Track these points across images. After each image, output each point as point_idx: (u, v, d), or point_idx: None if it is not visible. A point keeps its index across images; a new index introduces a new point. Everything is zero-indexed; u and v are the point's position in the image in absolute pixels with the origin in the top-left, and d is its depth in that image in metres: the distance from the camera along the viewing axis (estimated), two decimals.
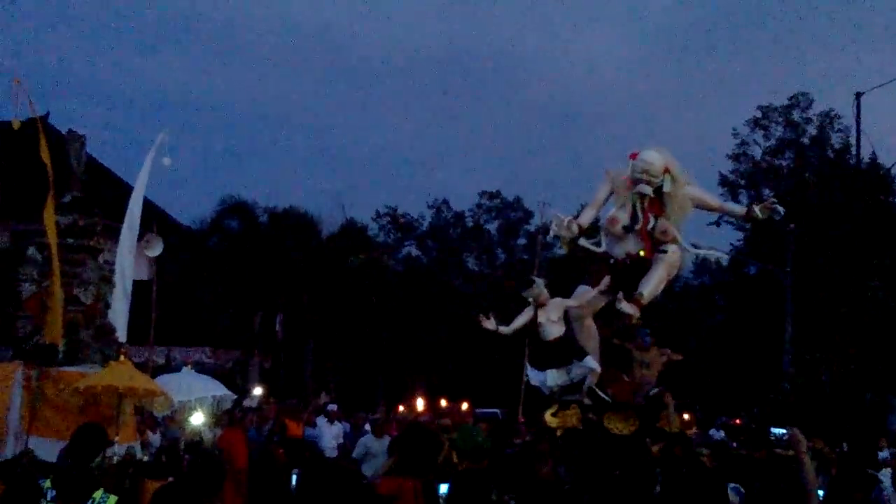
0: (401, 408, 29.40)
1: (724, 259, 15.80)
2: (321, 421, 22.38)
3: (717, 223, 44.48)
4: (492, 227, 57.54)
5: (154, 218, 24.13)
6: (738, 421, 32.16)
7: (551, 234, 14.87)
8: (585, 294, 14.95)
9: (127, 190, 21.86)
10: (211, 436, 18.54)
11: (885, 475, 11.29)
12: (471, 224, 57.37)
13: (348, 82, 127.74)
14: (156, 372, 22.55)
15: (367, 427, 22.48)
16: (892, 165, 38.47)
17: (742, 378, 35.90)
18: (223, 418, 19.56)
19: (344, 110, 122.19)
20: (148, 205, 23.12)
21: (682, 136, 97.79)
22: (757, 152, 46.56)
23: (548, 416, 14.20)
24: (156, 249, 22.00)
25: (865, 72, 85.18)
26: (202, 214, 43.77)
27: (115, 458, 13.82)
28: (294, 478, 16.35)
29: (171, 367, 28.36)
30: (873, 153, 38.97)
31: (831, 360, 29.68)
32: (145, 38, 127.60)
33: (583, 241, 14.86)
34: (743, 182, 45.87)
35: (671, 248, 14.02)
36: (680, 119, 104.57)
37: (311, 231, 44.43)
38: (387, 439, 16.68)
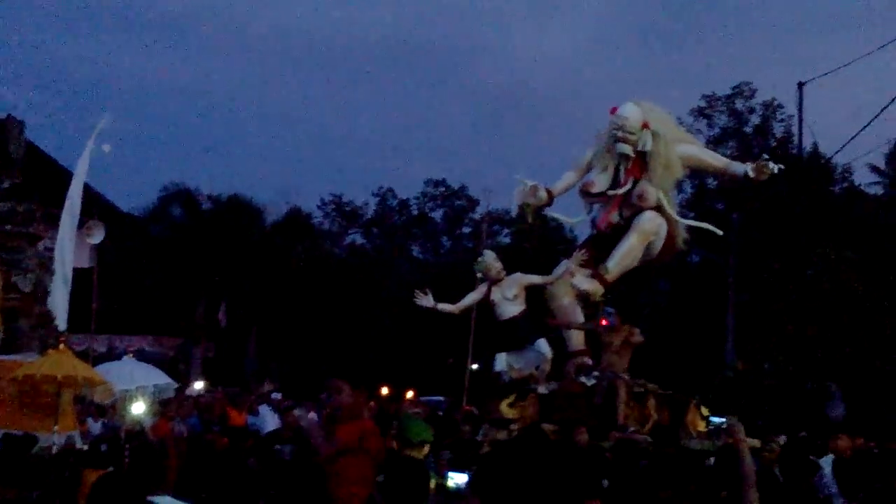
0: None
1: (718, 233, 14.81)
2: (264, 409, 22.23)
3: None
4: (437, 215, 57.50)
5: (96, 205, 23.89)
6: None
7: (514, 203, 13.64)
8: (558, 269, 13.83)
9: (67, 176, 21.61)
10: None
11: (825, 462, 11.37)
12: (416, 212, 57.27)
13: (293, 69, 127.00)
14: (97, 360, 22.33)
15: (313, 415, 22.40)
16: (833, 155, 38.93)
17: (684, 366, 36.09)
18: (164, 407, 19.42)
19: (288, 98, 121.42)
20: (89, 192, 22.88)
21: None
22: (701, 141, 46.84)
23: (504, 407, 13.24)
24: (97, 236, 21.79)
25: (808, 61, 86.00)
26: (145, 202, 43.44)
27: (55, 448, 13.67)
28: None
29: (112, 356, 28.09)
30: (815, 143, 39.40)
31: (773, 348, 29.92)
32: (87, 23, 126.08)
33: (550, 212, 13.92)
34: (686, 171, 46.07)
35: (646, 214, 12.88)
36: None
37: (255, 219, 44.20)
38: None
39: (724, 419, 12.66)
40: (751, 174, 12.83)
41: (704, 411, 13.59)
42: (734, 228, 34.49)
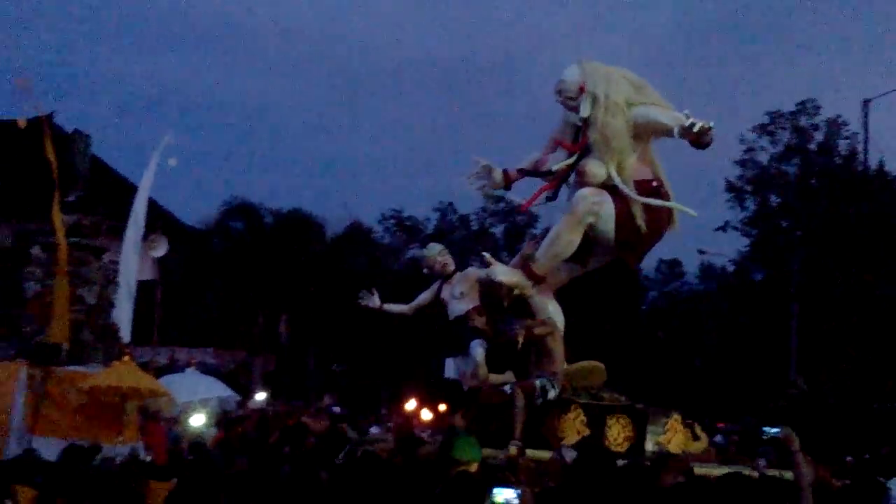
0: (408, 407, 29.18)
1: (692, 213, 11.61)
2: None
3: (724, 228, 44.29)
4: (497, 230, 57.30)
5: (159, 218, 24.08)
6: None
7: (468, 186, 11.93)
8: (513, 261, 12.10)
9: (131, 190, 21.81)
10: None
11: (894, 483, 11.14)
12: (476, 227, 57.13)
13: (355, 85, 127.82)
14: (159, 372, 22.47)
15: (375, 430, 22.42)
16: None
17: (747, 385, 35.77)
18: (224, 419, 19.52)
19: (350, 112, 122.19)
20: (153, 205, 23.03)
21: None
22: (764, 158, 46.31)
23: (457, 419, 11.79)
24: (160, 250, 21.94)
25: (873, 78, 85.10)
26: (207, 215, 43.77)
27: (119, 459, 13.75)
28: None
29: (174, 368, 28.28)
30: (881, 160, 38.87)
31: (838, 367, 29.60)
32: (151, 38, 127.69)
33: (507, 195, 12.33)
34: (749, 188, 45.63)
35: (579, 192, 11.01)
36: None
37: (316, 233, 44.33)
38: None
39: (778, 429, 11.94)
40: (676, 135, 10.58)
41: (697, 429, 11.80)
42: (798, 246, 34.14)
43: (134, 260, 19.30)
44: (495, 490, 7.72)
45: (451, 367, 13.21)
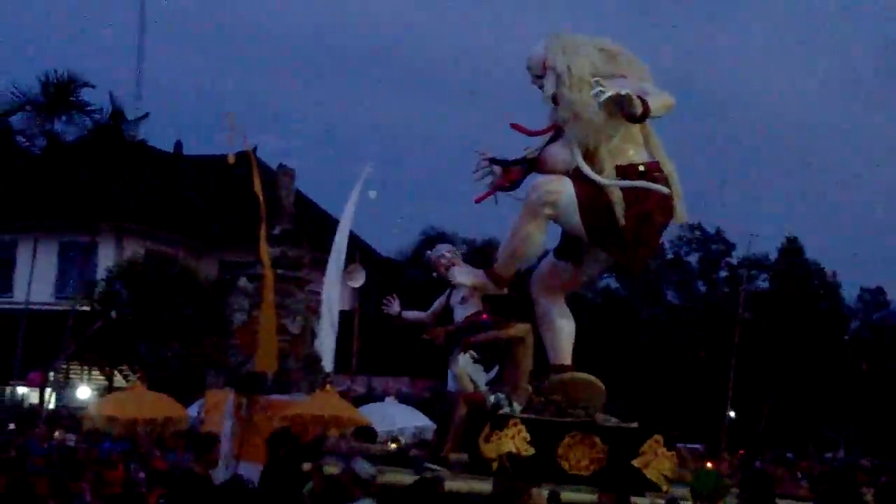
0: None
1: (664, 190, 9.79)
2: None
3: None
4: (692, 259, 56.46)
5: (356, 249, 24.44)
6: None
7: (477, 182, 10.63)
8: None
9: (331, 222, 22.23)
10: None
11: None
12: (671, 256, 56.40)
13: (541, 112, 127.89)
14: (357, 401, 22.85)
15: None
16: None
17: None
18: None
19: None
20: (351, 236, 23.51)
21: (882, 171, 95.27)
22: None
23: (481, 442, 10.11)
24: (358, 280, 22.28)
25: None
26: (403, 246, 44.43)
27: None
28: None
29: (371, 397, 28.66)
30: None
31: None
32: (350, 72, 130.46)
33: (516, 195, 10.64)
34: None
35: (534, 181, 9.86)
36: (882, 152, 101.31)
37: None
38: None
39: None
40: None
41: (688, 457, 10.49)
42: None
43: (336, 291, 19.68)
44: None
45: (451, 380, 12.65)
